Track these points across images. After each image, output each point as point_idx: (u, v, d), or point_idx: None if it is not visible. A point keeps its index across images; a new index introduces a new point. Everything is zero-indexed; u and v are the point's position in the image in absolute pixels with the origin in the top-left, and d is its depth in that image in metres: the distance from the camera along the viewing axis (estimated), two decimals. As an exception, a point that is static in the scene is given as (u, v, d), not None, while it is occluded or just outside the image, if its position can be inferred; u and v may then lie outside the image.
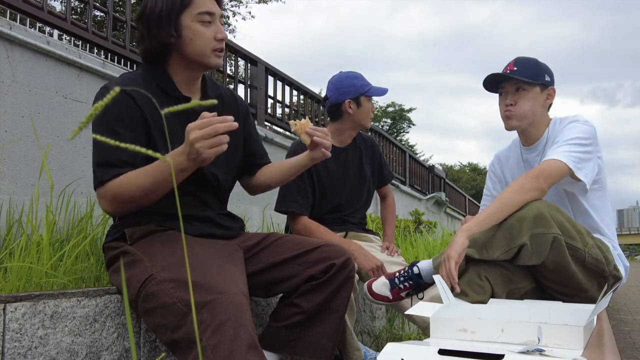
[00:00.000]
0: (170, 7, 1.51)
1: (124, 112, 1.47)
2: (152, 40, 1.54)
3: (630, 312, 5.25)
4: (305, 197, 2.32)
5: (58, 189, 2.31)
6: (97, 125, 1.45)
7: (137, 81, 1.55)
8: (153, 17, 1.52)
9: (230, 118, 1.34)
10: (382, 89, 2.46)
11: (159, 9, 1.51)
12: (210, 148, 1.30)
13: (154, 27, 1.52)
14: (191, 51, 1.55)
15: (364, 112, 2.43)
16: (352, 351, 2.07)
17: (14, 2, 2.83)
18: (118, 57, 4.22)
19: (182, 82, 1.60)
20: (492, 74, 2.02)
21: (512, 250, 1.73)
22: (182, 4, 1.52)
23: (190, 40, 1.53)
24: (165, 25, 1.51)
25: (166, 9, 1.51)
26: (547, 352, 1.11)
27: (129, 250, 1.49)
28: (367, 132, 8.94)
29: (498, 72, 2.03)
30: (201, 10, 1.53)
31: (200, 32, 1.54)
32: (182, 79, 1.60)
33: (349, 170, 2.47)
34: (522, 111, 1.99)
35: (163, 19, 1.51)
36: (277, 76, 5.79)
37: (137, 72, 1.60)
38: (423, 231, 6.42)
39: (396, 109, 34.72)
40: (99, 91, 1.52)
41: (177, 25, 1.52)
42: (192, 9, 1.53)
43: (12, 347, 1.27)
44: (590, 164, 1.89)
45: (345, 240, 2.29)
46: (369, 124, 2.49)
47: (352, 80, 2.43)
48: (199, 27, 1.54)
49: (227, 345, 1.20)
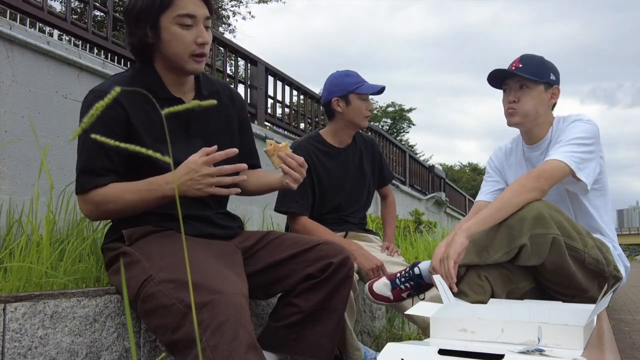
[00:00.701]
0: (150, 7, 1.47)
1: (108, 118, 1.45)
2: (133, 37, 1.52)
3: (630, 312, 5.25)
4: (305, 198, 2.32)
5: (58, 189, 2.31)
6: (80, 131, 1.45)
7: (125, 83, 1.53)
8: (133, 14, 1.50)
9: (235, 151, 1.37)
10: (373, 86, 2.41)
11: (138, 7, 1.49)
12: (210, 187, 1.31)
13: (133, 25, 1.50)
14: (170, 53, 1.51)
15: (355, 110, 2.39)
16: (352, 351, 2.07)
17: (14, 2, 2.83)
18: (118, 57, 4.22)
19: (171, 83, 1.58)
20: (497, 70, 2.01)
21: (512, 251, 1.72)
22: (161, 4, 1.47)
23: (169, 42, 1.49)
24: (143, 24, 1.48)
25: (145, 8, 1.47)
26: (547, 352, 1.11)
27: (128, 251, 1.49)
28: (367, 132, 8.95)
29: (502, 69, 2.02)
30: (181, 12, 1.47)
31: (179, 35, 1.48)
32: (170, 80, 1.58)
33: (348, 170, 2.47)
34: (524, 109, 1.98)
35: (141, 17, 1.48)
36: (277, 76, 5.79)
37: (127, 74, 1.59)
38: (423, 231, 6.42)
39: (396, 109, 34.71)
40: (87, 95, 1.53)
41: (155, 26, 1.48)
42: (172, 10, 1.47)
43: (12, 347, 1.27)
44: (592, 164, 1.89)
45: (345, 240, 2.29)
46: (363, 122, 2.43)
47: (342, 78, 2.41)
48: (177, 29, 1.48)
49: (227, 346, 1.20)
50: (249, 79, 5.38)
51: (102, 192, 1.45)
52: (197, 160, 1.37)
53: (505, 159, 2.23)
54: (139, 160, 1.43)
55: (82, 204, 1.49)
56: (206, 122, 1.64)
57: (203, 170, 1.36)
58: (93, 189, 1.45)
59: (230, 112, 1.73)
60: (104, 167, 1.45)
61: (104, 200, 1.45)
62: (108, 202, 1.45)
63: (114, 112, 1.46)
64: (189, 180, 1.37)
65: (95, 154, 1.45)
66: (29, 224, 1.87)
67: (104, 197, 1.45)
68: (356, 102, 2.39)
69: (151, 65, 1.57)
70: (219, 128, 1.68)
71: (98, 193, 1.45)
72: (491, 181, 2.23)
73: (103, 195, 1.45)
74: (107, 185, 1.46)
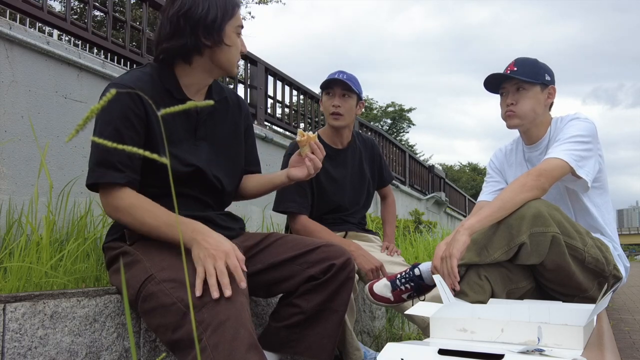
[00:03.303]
0: (223, 15, 1.56)
1: (128, 110, 1.46)
2: (195, 39, 1.54)
3: (630, 312, 5.25)
4: (303, 197, 2.32)
5: (57, 189, 2.31)
6: (100, 122, 1.45)
7: (145, 80, 1.55)
8: (206, 20, 1.54)
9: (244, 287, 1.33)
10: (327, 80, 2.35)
11: (213, 15, 1.54)
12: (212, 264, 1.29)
13: (203, 30, 1.54)
14: (223, 59, 1.59)
15: (325, 109, 2.41)
16: (352, 351, 2.07)
17: (14, 2, 2.83)
18: (118, 57, 4.23)
19: (190, 85, 1.61)
20: (493, 74, 2.03)
21: (512, 250, 1.73)
22: (230, 13, 1.58)
23: (228, 48, 1.59)
24: (215, 30, 1.55)
25: (220, 16, 1.55)
26: (547, 352, 1.11)
27: (128, 251, 1.49)
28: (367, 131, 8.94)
29: (499, 72, 2.03)
30: (239, 22, 1.62)
31: (236, 43, 1.62)
32: (191, 82, 1.61)
33: (348, 171, 2.47)
34: (523, 110, 2.00)
35: (216, 24, 1.55)
36: (277, 76, 5.79)
37: (146, 71, 1.60)
38: (423, 231, 6.42)
39: (396, 109, 34.73)
40: (107, 87, 1.54)
41: (221, 33, 1.57)
42: (235, 20, 1.59)
43: (12, 347, 1.27)
44: (591, 161, 1.90)
45: (344, 240, 2.29)
46: (330, 120, 2.38)
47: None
48: (235, 37, 1.61)
49: (227, 345, 1.20)
50: (248, 79, 5.38)
51: (134, 203, 1.43)
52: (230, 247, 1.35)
53: (506, 159, 2.24)
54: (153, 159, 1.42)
55: (105, 199, 1.47)
56: (214, 127, 1.67)
57: (229, 256, 1.32)
58: (108, 184, 1.43)
59: (238, 119, 1.77)
60: (121, 161, 1.44)
61: (131, 211, 1.43)
62: (133, 213, 1.42)
63: (135, 108, 1.47)
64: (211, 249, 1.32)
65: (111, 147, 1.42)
66: (29, 224, 1.88)
67: (132, 208, 1.42)
68: (323, 99, 2.41)
69: (171, 66, 1.59)
70: (226, 134, 1.70)
71: (130, 201, 1.43)
72: (492, 182, 2.24)
73: (131, 206, 1.42)
74: (133, 192, 1.44)
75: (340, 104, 2.34)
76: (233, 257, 1.32)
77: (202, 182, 1.60)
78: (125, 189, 1.44)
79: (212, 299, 1.25)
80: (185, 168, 1.55)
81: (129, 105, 1.46)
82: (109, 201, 1.45)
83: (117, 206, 1.44)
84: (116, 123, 1.44)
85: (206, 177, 1.60)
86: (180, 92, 1.59)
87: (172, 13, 1.55)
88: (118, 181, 1.43)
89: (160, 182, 1.50)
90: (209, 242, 1.34)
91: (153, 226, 1.41)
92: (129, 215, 1.43)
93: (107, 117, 1.45)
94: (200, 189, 1.61)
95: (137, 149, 0.56)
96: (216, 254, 1.31)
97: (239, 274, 1.31)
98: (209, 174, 1.60)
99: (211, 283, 1.26)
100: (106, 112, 1.44)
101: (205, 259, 1.30)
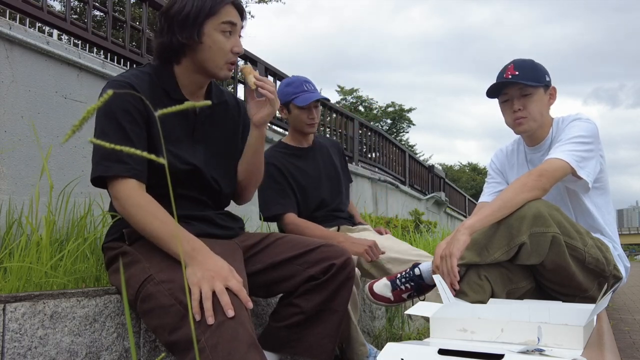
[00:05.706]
0: (198, 12, 1.51)
1: (129, 105, 1.46)
2: (172, 37, 1.53)
3: (630, 312, 5.24)
4: (285, 197, 2.36)
5: (58, 189, 2.31)
6: (103, 118, 1.45)
7: (143, 79, 1.55)
8: (179, 16, 1.52)
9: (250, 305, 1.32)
10: (308, 97, 2.38)
11: (187, 11, 1.51)
12: (209, 286, 1.27)
13: (178, 26, 1.52)
14: (206, 59, 1.55)
15: (295, 119, 2.43)
16: (356, 346, 2.07)
17: (14, 2, 2.83)
18: (118, 57, 4.23)
19: (187, 86, 1.60)
20: (499, 83, 2.00)
21: (512, 250, 1.73)
22: (209, 11, 1.52)
23: (209, 48, 1.54)
24: (189, 27, 1.52)
25: (194, 12, 1.51)
26: (547, 352, 1.11)
27: (128, 251, 1.49)
28: (367, 131, 8.92)
29: (501, 80, 1.98)
30: (225, 19, 1.54)
31: (220, 42, 1.54)
32: (188, 83, 1.60)
33: (320, 165, 2.52)
34: (532, 115, 1.99)
35: (189, 21, 1.51)
36: (277, 76, 5.79)
37: (145, 70, 1.60)
38: (423, 231, 6.42)
39: (396, 109, 34.70)
40: (107, 84, 1.53)
41: (200, 31, 1.52)
42: (218, 17, 1.53)
43: (12, 347, 1.27)
44: (592, 162, 1.90)
45: (333, 233, 2.33)
46: (305, 129, 2.43)
47: (283, 87, 2.45)
48: (219, 36, 1.54)
49: (227, 345, 1.20)
50: (248, 79, 5.37)
51: (147, 205, 1.41)
52: (229, 269, 1.33)
53: (507, 160, 2.23)
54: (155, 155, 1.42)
55: (113, 193, 1.45)
56: (212, 129, 1.66)
57: (228, 279, 1.31)
58: (115, 178, 1.42)
59: (237, 122, 1.76)
60: (127, 154, 1.43)
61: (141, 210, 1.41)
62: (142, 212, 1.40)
63: (138, 105, 1.47)
64: (210, 272, 1.31)
65: (120, 140, 1.42)
66: (29, 224, 1.87)
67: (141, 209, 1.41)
68: (295, 112, 2.42)
69: (170, 66, 1.59)
70: (224, 137, 1.70)
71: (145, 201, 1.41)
72: (493, 182, 2.24)
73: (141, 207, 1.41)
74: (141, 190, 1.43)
75: (315, 115, 2.47)
76: (232, 279, 1.31)
77: (200, 182, 1.60)
78: (132, 181, 1.43)
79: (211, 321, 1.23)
80: (183, 166, 1.55)
81: (129, 100, 1.46)
82: (119, 195, 1.43)
83: (126, 199, 1.42)
84: (119, 118, 1.44)
85: (204, 177, 1.60)
86: (177, 93, 1.58)
87: (160, 11, 1.55)
88: (124, 173, 1.42)
89: (158, 181, 1.50)
90: (207, 264, 1.33)
91: (154, 235, 1.40)
92: (136, 214, 1.42)
93: (109, 112, 1.44)
94: (199, 190, 1.61)
95: (134, 150, 0.55)
96: (215, 275, 1.29)
97: (244, 295, 1.30)
98: (206, 174, 1.60)
99: (206, 307, 1.24)
100: (108, 108, 1.44)
101: (201, 281, 1.28)
